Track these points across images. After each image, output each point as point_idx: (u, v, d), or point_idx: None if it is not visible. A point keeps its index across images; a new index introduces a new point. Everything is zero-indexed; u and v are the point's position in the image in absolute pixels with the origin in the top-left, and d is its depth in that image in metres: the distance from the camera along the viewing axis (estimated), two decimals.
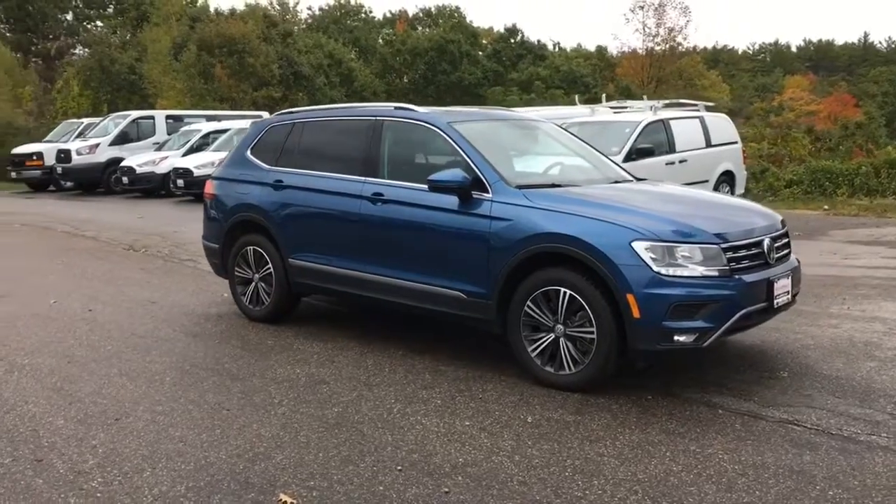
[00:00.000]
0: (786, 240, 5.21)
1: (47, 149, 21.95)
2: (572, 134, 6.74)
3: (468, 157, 5.25)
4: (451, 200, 5.18)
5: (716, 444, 3.99)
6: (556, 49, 62.66)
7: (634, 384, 4.88)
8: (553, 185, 5.23)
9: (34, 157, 22.06)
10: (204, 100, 31.99)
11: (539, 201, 4.91)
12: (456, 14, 61.02)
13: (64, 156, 20.87)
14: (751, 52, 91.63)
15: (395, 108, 5.92)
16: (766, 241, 4.83)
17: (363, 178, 5.75)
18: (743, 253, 4.67)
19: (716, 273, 4.52)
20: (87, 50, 47.94)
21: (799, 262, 5.34)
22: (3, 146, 25.50)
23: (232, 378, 5.07)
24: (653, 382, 4.92)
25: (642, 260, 4.45)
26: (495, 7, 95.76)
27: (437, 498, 3.43)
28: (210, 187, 6.95)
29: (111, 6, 55.80)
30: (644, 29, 51.38)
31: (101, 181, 20.76)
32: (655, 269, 4.43)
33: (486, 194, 5.08)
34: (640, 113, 13.22)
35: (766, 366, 5.27)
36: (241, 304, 6.67)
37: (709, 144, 13.26)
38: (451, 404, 4.58)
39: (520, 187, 5.05)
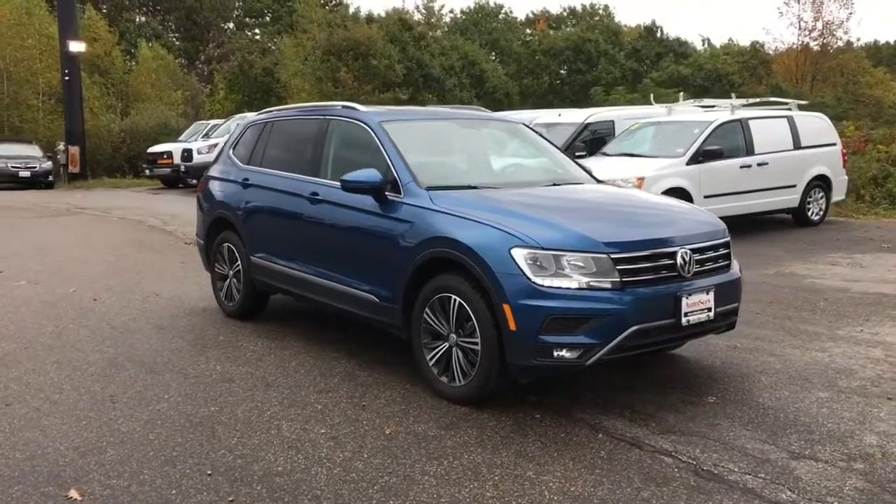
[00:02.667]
0: (721, 251, 4.69)
1: (175, 148, 23.46)
2: (541, 134, 6.37)
3: (388, 156, 5.11)
4: (372, 201, 5.06)
5: (558, 471, 3.66)
6: (707, 45, 59.94)
7: (535, 401, 4.57)
8: (469, 187, 4.97)
9: (165, 156, 23.62)
10: (331, 101, 33.03)
11: (441, 203, 4.69)
12: (602, 11, 59.85)
13: (187, 155, 22.22)
14: None
15: (342, 106, 5.86)
16: (682, 253, 4.36)
17: (307, 178, 5.73)
18: (644, 265, 4.25)
19: (606, 285, 4.14)
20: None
21: (739, 276, 4.80)
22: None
23: (149, 371, 5.19)
24: (557, 399, 4.59)
25: (520, 268, 4.14)
26: (643, 4, 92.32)
27: None
28: (201, 185, 7.17)
29: (268, 15, 59.08)
30: (799, 23, 48.39)
31: None
32: (533, 278, 4.12)
33: (398, 195, 4.93)
34: (717, 113, 12.38)
35: (701, 389, 4.78)
36: (218, 300, 6.83)
37: (797, 146, 12.20)
38: (328, 410, 4.46)
39: (430, 189, 4.85)
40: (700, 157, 11.06)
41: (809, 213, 12.52)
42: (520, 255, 4.16)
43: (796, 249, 10.34)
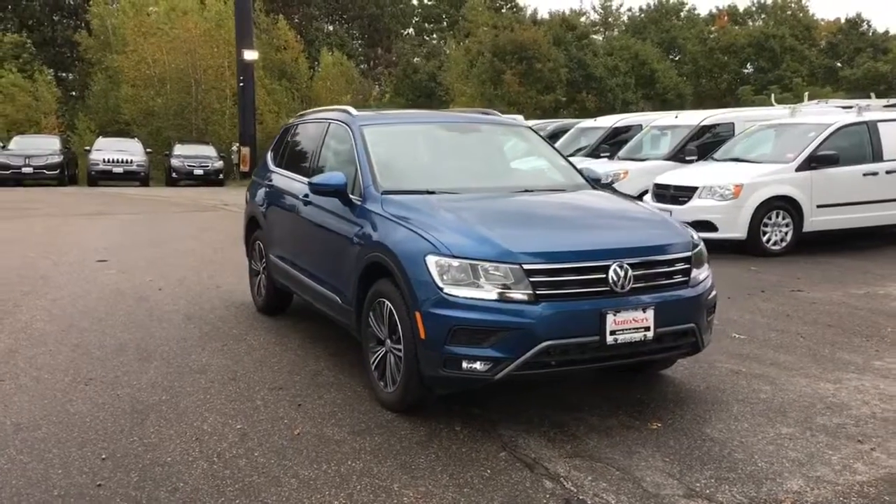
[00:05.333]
0: (677, 266, 4.29)
1: None
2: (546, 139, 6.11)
3: (358, 159, 5.15)
4: (342, 204, 5.12)
5: (424, 486, 3.54)
6: None
7: (476, 414, 4.43)
8: (427, 192, 4.88)
9: None
10: (492, 104, 33.37)
11: (388, 208, 4.67)
12: (794, 5, 55.89)
13: None
14: None
15: (340, 110, 5.94)
16: (616, 267, 4.05)
17: (304, 180, 5.87)
18: (565, 277, 4.00)
19: (518, 296, 3.94)
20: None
21: (700, 293, 4.35)
22: None
23: (142, 359, 5.53)
24: (494, 413, 4.43)
25: (431, 276, 4.04)
26: None
27: (86, 488, 3.54)
28: (249, 185, 7.55)
29: (444, 20, 60.55)
30: None
31: None
32: (443, 286, 4.00)
33: (360, 199, 4.96)
34: (840, 114, 11.26)
35: (654, 413, 4.43)
36: (252, 295, 7.16)
37: None
38: (264, 408, 4.56)
39: (385, 193, 4.83)
40: (813, 162, 10.14)
41: None
42: (432, 262, 4.06)
43: None
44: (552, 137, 17.26)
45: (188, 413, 4.48)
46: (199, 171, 26.73)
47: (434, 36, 61.25)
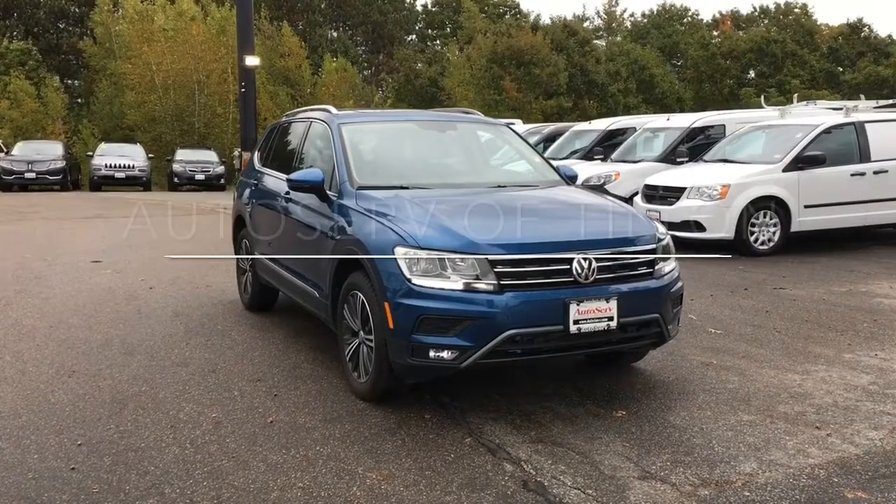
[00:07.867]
0: (641, 258, 4.38)
1: None
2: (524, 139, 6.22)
3: (335, 156, 5.27)
4: (319, 200, 5.23)
5: (387, 469, 3.65)
6: None
7: (445, 402, 4.54)
8: (400, 188, 4.99)
9: None
10: (494, 109, 33.51)
11: (362, 203, 4.78)
12: (798, 10, 55.94)
13: None
14: None
15: (322, 109, 6.06)
16: (580, 258, 4.15)
17: (286, 177, 5.99)
18: (529, 268, 4.10)
19: (483, 287, 4.04)
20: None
21: (664, 285, 4.44)
22: None
23: (127, 353, 5.65)
24: (463, 402, 4.53)
25: (399, 267, 4.15)
26: (850, 1, 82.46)
27: (60, 471, 3.65)
28: (236, 185, 7.67)
29: (448, 26, 60.79)
30: None
31: None
32: (411, 277, 4.11)
33: (336, 195, 5.07)
34: (829, 115, 11.35)
35: (621, 402, 4.53)
36: (240, 292, 7.28)
37: None
38: (241, 398, 4.67)
39: (359, 188, 4.95)
40: (800, 163, 10.22)
41: None
42: (401, 254, 4.17)
43: None
44: (548, 140, 17.40)
45: (166, 403, 4.59)
46: (200, 176, 26.94)
47: (437, 42, 61.47)
